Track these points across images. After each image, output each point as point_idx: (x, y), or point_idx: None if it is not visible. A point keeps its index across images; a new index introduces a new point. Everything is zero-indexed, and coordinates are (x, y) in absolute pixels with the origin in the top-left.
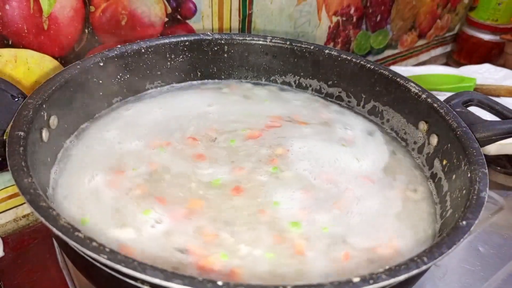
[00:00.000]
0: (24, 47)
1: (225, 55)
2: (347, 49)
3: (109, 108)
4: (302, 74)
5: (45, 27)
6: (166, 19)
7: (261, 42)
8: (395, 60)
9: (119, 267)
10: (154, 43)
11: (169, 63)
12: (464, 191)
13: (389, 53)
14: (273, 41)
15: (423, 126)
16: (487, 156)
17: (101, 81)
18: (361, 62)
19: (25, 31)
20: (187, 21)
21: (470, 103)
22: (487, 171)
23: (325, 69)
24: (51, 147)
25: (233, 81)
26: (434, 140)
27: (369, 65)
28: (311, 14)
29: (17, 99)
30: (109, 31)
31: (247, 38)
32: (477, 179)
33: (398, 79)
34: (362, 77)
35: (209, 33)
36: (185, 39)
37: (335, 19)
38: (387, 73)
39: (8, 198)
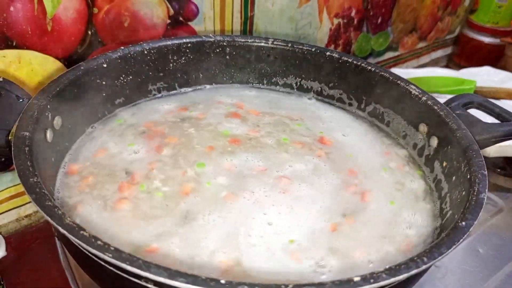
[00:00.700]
0: (28, 48)
1: (227, 57)
2: (348, 51)
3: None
4: (303, 76)
5: (49, 28)
6: (168, 21)
7: (262, 44)
8: (396, 62)
9: (124, 266)
10: (156, 45)
11: (171, 65)
12: (463, 193)
13: (390, 55)
14: (274, 43)
15: (423, 128)
16: (487, 158)
17: (105, 82)
18: (362, 64)
19: (29, 32)
20: (189, 23)
21: (470, 105)
22: (486, 172)
23: (326, 71)
24: (55, 147)
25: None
26: (434, 142)
27: (370, 68)
28: (312, 16)
29: (22, 100)
30: (112, 32)
31: (249, 40)
32: (477, 180)
33: (398, 82)
34: (363, 79)
35: (211, 35)
36: (188, 41)
37: (336, 21)
38: (387, 75)
39: (10, 198)
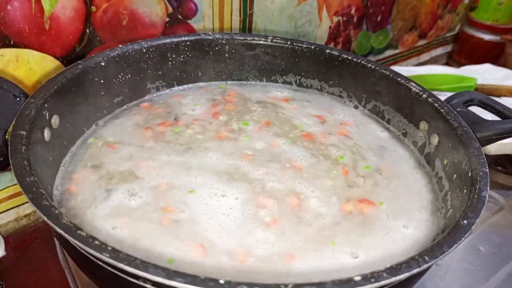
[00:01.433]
0: (25, 47)
1: (226, 55)
2: (348, 49)
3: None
4: (303, 74)
5: (47, 27)
6: (167, 19)
7: (262, 42)
8: (395, 60)
9: (121, 266)
10: (155, 43)
11: (170, 63)
12: (465, 191)
13: (389, 53)
14: (274, 41)
15: (424, 126)
16: (487, 155)
17: (103, 81)
18: (362, 62)
19: (27, 31)
20: (188, 21)
21: (470, 103)
22: (488, 170)
23: (326, 69)
24: (53, 146)
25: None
26: (435, 139)
27: (370, 65)
28: (312, 14)
29: (19, 99)
30: (110, 31)
31: (248, 38)
32: (478, 178)
33: (399, 79)
34: (363, 77)
35: (210, 33)
36: (186, 39)
37: (335, 19)
38: (388, 73)
39: (9, 197)
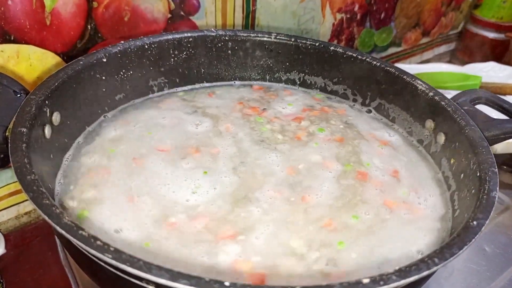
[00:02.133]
0: (26, 43)
1: (229, 51)
2: (351, 46)
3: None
4: (307, 71)
5: (48, 22)
6: (169, 15)
7: (265, 38)
8: (398, 58)
9: (124, 267)
10: (157, 39)
11: (172, 60)
12: (473, 191)
13: (393, 50)
14: (277, 37)
15: (430, 124)
16: (494, 155)
17: (104, 78)
18: (367, 59)
19: (28, 26)
20: (191, 17)
21: (478, 101)
22: (497, 170)
23: (330, 66)
24: (54, 144)
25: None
26: (441, 138)
27: (375, 62)
28: (315, 11)
29: (19, 95)
30: (112, 27)
31: (251, 34)
32: (487, 178)
33: (404, 77)
34: (368, 74)
35: (213, 30)
36: (189, 35)
37: (339, 16)
38: (393, 70)
39: (9, 195)
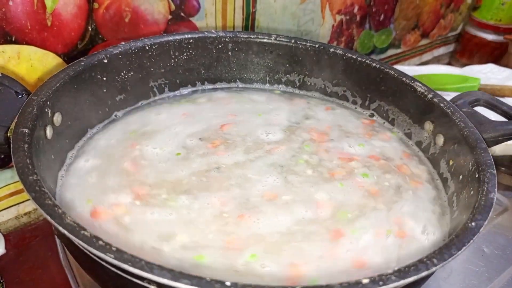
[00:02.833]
0: (27, 44)
1: (229, 53)
2: (350, 48)
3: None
4: (306, 73)
5: (49, 23)
6: (169, 17)
7: (265, 40)
8: (398, 59)
9: (125, 267)
10: (158, 40)
11: (173, 61)
12: (471, 192)
13: (392, 52)
14: (277, 39)
15: (429, 126)
16: (492, 156)
17: (105, 78)
18: (367, 61)
19: (29, 27)
20: (191, 18)
21: (476, 103)
22: (495, 171)
23: (330, 68)
24: (55, 144)
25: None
26: (440, 140)
27: (374, 64)
28: (315, 12)
29: (21, 96)
30: (113, 28)
31: (251, 36)
32: (486, 180)
33: (404, 79)
34: (367, 76)
35: (213, 31)
36: (189, 36)
37: (338, 17)
38: (392, 72)
39: (9, 195)
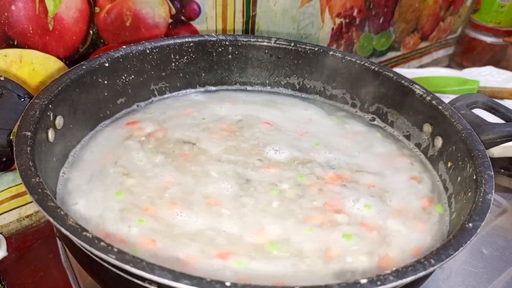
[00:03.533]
0: (29, 48)
1: (230, 56)
2: (350, 51)
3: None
4: (306, 75)
5: (50, 27)
6: (170, 20)
7: (265, 43)
8: (397, 62)
9: (127, 267)
10: (159, 44)
11: (173, 64)
12: (469, 193)
13: (391, 55)
14: (277, 42)
15: (428, 128)
16: (490, 158)
17: (106, 82)
18: (366, 64)
19: (31, 31)
20: (191, 22)
21: (474, 105)
22: (492, 173)
23: (329, 71)
24: (57, 147)
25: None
26: (438, 142)
27: (373, 67)
28: (314, 16)
29: (23, 99)
30: (114, 32)
31: (251, 39)
32: (483, 181)
33: (402, 81)
34: (366, 79)
35: (213, 34)
36: (190, 40)
37: (338, 21)
38: (391, 75)
39: (11, 198)
